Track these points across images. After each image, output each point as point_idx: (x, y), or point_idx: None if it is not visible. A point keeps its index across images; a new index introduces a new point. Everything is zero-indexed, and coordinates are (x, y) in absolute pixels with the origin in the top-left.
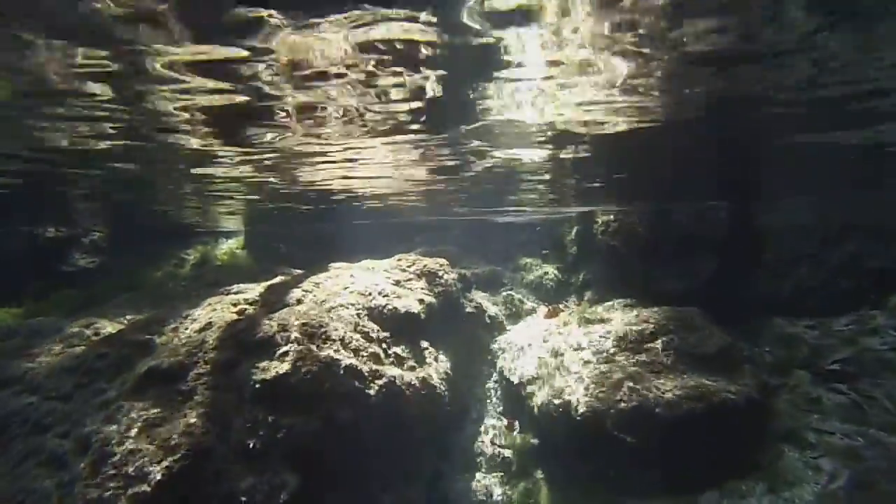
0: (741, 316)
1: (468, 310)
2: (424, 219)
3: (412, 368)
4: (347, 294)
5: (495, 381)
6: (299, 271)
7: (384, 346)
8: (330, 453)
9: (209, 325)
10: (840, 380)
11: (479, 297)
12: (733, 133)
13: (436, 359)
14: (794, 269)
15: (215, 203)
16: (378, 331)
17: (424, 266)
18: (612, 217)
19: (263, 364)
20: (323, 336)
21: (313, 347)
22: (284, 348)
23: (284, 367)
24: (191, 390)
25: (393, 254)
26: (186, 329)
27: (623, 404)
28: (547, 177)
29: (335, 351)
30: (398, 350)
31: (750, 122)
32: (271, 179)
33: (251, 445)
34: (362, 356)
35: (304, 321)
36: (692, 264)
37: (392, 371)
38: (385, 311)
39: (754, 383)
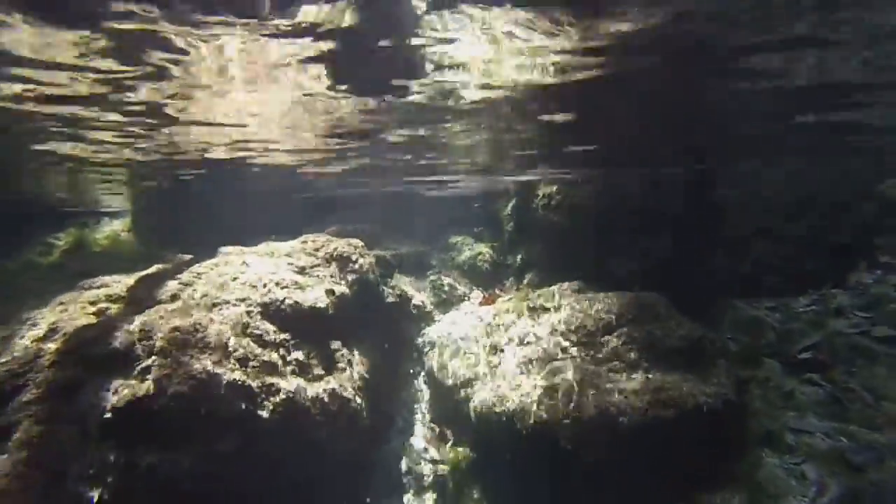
0: (698, 298)
1: (390, 299)
2: (342, 192)
3: (319, 378)
4: (236, 287)
5: (424, 383)
6: (188, 257)
7: (282, 351)
8: (210, 496)
9: (53, 331)
10: (812, 369)
11: (403, 282)
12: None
13: (349, 362)
14: (752, 246)
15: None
16: (275, 332)
17: (335, 249)
18: (554, 189)
19: (116, 384)
20: (199, 343)
21: (185, 359)
22: (146, 362)
23: (144, 387)
24: (10, 426)
25: (306, 234)
26: (22, 339)
27: (578, 413)
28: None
29: (215, 362)
30: (300, 355)
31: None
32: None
33: (95, 499)
34: (252, 367)
35: (174, 324)
36: (647, 242)
37: (292, 383)
38: (284, 306)
39: (730, 382)
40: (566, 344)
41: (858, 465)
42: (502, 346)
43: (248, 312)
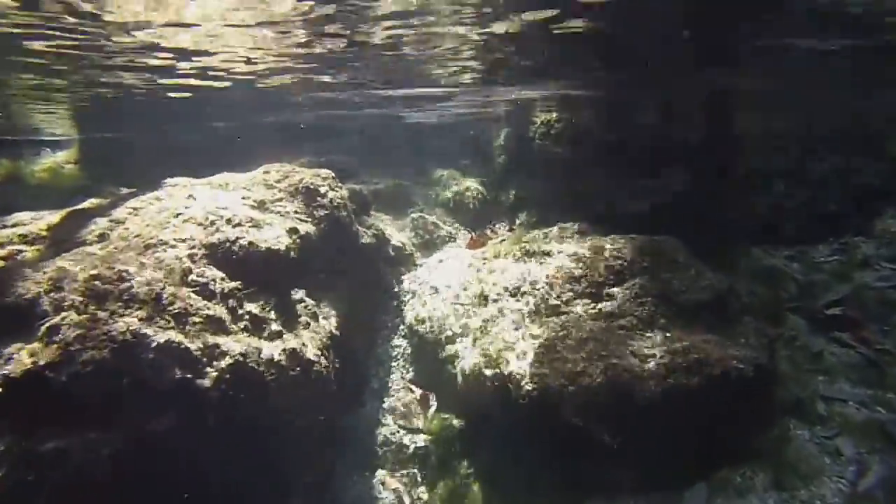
0: (710, 243)
1: (365, 240)
2: (317, 119)
3: (276, 335)
4: (178, 224)
5: (403, 337)
6: (130, 191)
7: (232, 303)
8: (138, 488)
9: None
10: (841, 327)
11: (381, 221)
12: None
13: (315, 315)
14: (770, 187)
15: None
16: (223, 280)
17: (301, 180)
18: (554, 116)
19: (13, 350)
20: (124, 296)
21: (104, 316)
22: (54, 320)
23: (49, 353)
24: None
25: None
26: None
27: (586, 380)
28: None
29: (143, 320)
30: (254, 308)
31: None
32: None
33: None
34: (193, 324)
35: (92, 273)
36: (659, 178)
37: (242, 343)
38: (236, 248)
39: (761, 344)
40: (569, 296)
41: None
42: (493, 296)
43: (191, 256)
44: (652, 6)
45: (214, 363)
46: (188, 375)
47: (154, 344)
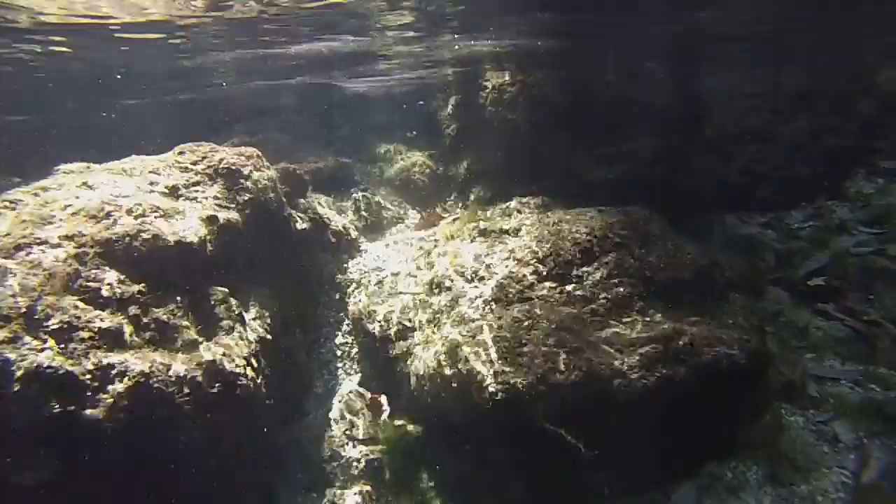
0: (681, 210)
1: (300, 225)
2: (246, 94)
3: (191, 346)
4: (65, 218)
5: (348, 334)
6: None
7: (133, 311)
8: None
9: None
10: (825, 298)
11: (320, 203)
12: None
13: (240, 318)
14: (741, 149)
15: None
16: (120, 283)
17: (221, 160)
18: (506, 79)
19: None
20: None
21: None
22: None
23: None
24: None
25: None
26: None
27: (559, 378)
28: None
29: (5, 342)
30: (163, 314)
31: None
32: None
33: None
34: (80, 340)
35: None
36: (623, 143)
37: (145, 360)
38: (138, 244)
39: (750, 324)
40: (533, 278)
41: None
42: (447, 283)
43: (79, 256)
44: None
45: (109, 388)
46: (70, 408)
47: (20, 372)
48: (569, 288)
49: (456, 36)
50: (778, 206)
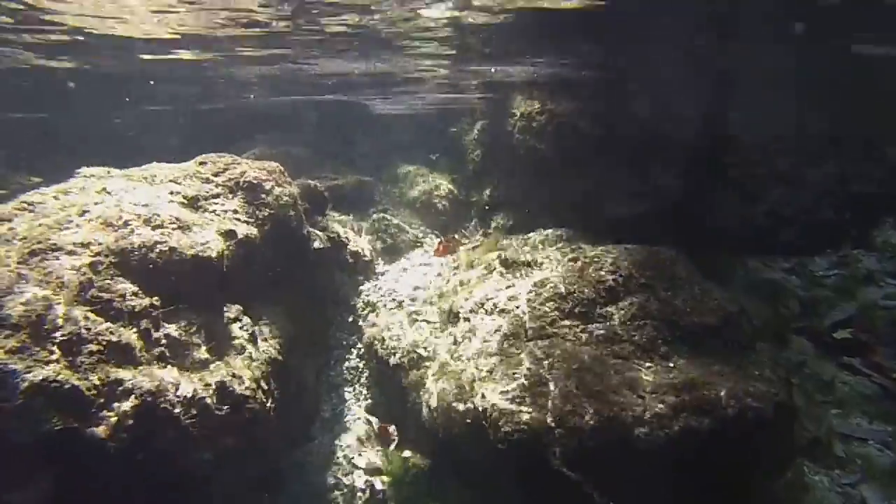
0: (704, 251)
1: (318, 244)
2: (270, 106)
3: (201, 365)
4: (81, 224)
5: (360, 358)
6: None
7: (145, 324)
8: None
9: None
10: (851, 351)
11: (337, 222)
12: None
13: (252, 337)
14: (767, 192)
15: None
16: (135, 295)
17: (242, 174)
18: (536, 106)
19: None
20: None
21: None
22: None
23: None
24: None
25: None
26: None
27: (577, 421)
28: None
29: (11, 351)
30: (174, 330)
31: None
32: None
33: None
34: (89, 353)
35: None
36: (652, 179)
37: (154, 378)
38: (154, 255)
39: (777, 376)
40: (555, 315)
41: None
42: (465, 313)
43: (94, 265)
44: None
45: (114, 405)
46: (74, 425)
47: (24, 384)
48: (591, 327)
49: (491, 66)
50: (802, 251)
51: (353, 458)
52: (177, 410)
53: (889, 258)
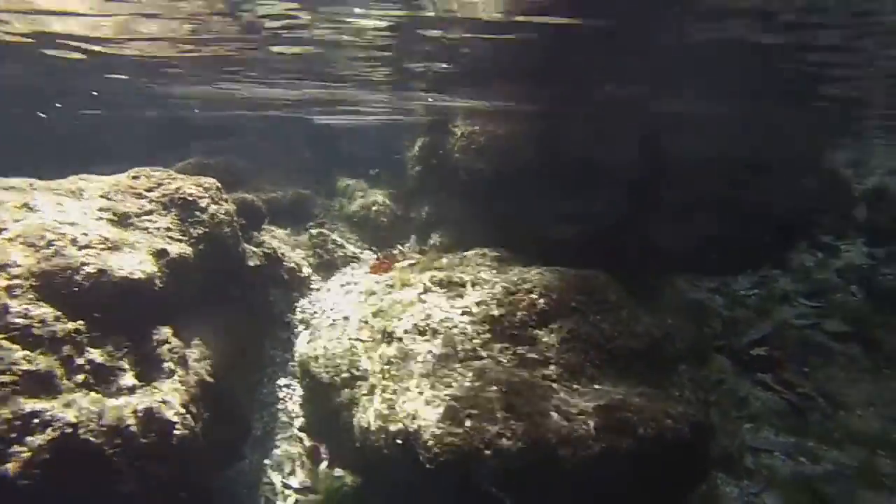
0: (635, 271)
1: (253, 261)
2: (209, 115)
3: (127, 391)
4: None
5: (293, 376)
6: None
7: (67, 351)
8: None
9: None
10: (763, 368)
11: (275, 237)
12: None
13: (182, 360)
14: (697, 214)
15: None
16: (57, 320)
17: (177, 189)
18: (476, 128)
19: None
20: None
21: None
22: None
23: None
24: None
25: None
26: None
27: (505, 443)
28: None
29: None
30: (99, 356)
31: None
32: None
33: None
34: (1, 385)
35: None
36: (587, 203)
37: (74, 408)
38: (79, 278)
39: (697, 398)
40: (486, 337)
41: (831, 498)
42: (399, 333)
43: (9, 288)
44: None
45: (28, 440)
46: None
47: None
48: (521, 350)
49: (428, 95)
50: (727, 271)
51: (283, 477)
52: (99, 441)
53: (803, 278)
